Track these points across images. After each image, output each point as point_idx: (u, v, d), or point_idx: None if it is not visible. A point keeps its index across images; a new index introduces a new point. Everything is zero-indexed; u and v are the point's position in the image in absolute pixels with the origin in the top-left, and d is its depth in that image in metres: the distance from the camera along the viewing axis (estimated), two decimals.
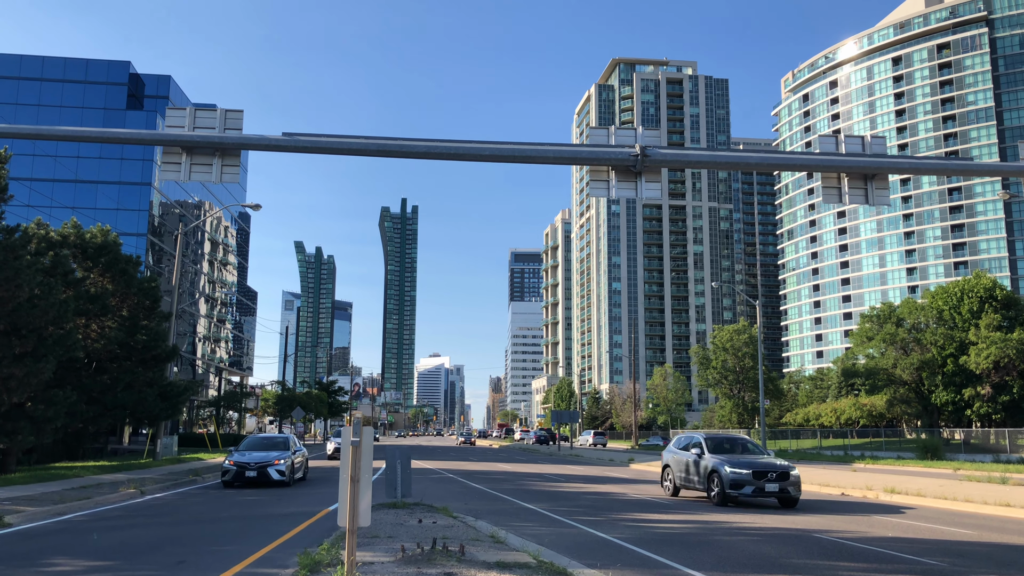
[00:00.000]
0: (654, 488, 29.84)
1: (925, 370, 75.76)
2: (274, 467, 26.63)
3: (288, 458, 27.33)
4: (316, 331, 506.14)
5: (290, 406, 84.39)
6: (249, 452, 27.79)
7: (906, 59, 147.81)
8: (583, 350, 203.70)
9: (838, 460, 52.17)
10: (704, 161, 18.46)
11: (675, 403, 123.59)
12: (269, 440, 29.64)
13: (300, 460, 29.57)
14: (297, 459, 28.89)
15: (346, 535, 9.75)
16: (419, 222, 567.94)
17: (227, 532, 16.22)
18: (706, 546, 14.88)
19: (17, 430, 28.25)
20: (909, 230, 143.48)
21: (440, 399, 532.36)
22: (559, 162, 18.05)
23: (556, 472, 39.79)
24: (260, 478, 26.45)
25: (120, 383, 38.38)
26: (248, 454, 27.49)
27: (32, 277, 27.73)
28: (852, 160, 17.49)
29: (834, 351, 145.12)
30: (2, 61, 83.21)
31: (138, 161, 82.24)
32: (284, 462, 26.95)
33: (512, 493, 26.14)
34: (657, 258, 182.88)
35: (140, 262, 44.89)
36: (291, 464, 27.43)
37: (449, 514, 17.36)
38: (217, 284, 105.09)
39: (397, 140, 16.86)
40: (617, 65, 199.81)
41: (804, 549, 14.71)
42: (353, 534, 9.69)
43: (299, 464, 29.30)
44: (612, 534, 16.08)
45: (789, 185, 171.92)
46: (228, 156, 16.72)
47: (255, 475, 26.43)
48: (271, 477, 26.52)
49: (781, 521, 19.26)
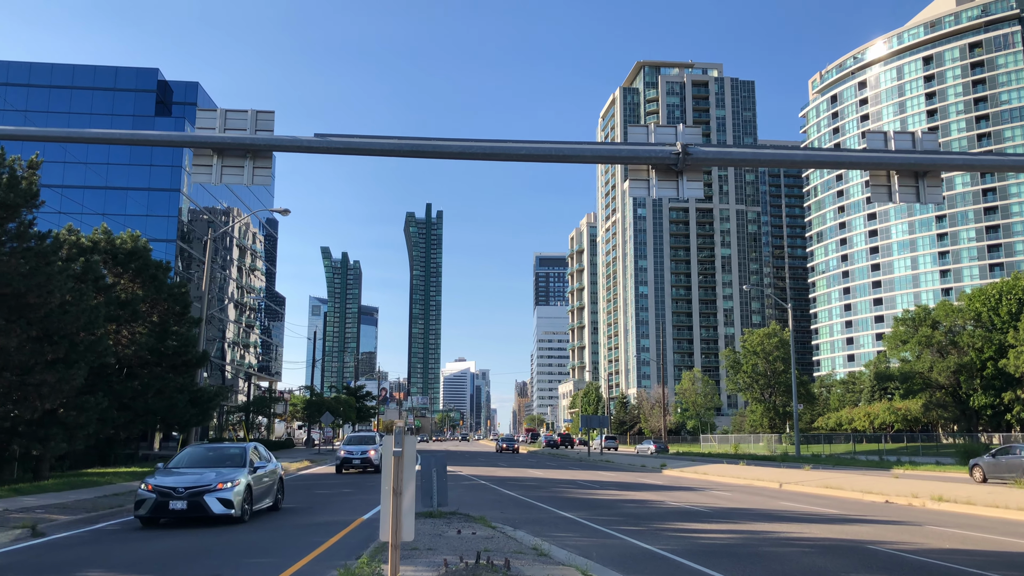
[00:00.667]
0: (691, 495, 29.21)
1: (963, 373, 74.28)
2: (215, 494, 17.68)
3: (242, 479, 18.46)
4: (343, 336, 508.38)
5: (319, 411, 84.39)
6: (181, 471, 18.87)
7: (937, 58, 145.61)
8: (610, 354, 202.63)
9: (874, 466, 51.04)
10: (748, 159, 17.86)
11: (704, 407, 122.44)
12: (217, 452, 20.43)
13: (268, 481, 20.51)
14: (262, 480, 19.96)
15: (389, 550, 9.30)
16: (444, 227, 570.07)
17: (265, 543, 15.83)
18: (756, 558, 14.28)
19: (50, 436, 28.16)
20: (942, 231, 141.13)
21: (466, 404, 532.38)
22: (597, 161, 17.55)
23: (588, 479, 39.18)
24: (192, 511, 17.50)
25: (151, 389, 38.33)
26: (178, 474, 18.52)
27: (63, 283, 27.64)
28: (903, 157, 16.82)
29: (865, 354, 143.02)
30: (34, 70, 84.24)
31: (167, 167, 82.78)
32: (233, 486, 17.99)
33: (547, 501, 25.61)
34: (684, 261, 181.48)
35: (170, 268, 44.92)
36: (245, 488, 18.44)
37: (487, 524, 16.87)
38: (245, 289, 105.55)
39: (431, 140, 16.44)
40: (642, 68, 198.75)
41: (861, 562, 14.06)
42: (396, 548, 9.25)
43: (264, 487, 20.13)
44: (657, 545, 15.51)
45: (818, 187, 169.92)
46: (260, 158, 16.37)
47: (184, 507, 17.48)
48: (210, 510, 17.54)
49: (829, 531, 18.59)
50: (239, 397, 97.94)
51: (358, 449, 38.91)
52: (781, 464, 54.89)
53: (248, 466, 19.36)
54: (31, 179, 27.65)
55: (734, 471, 43.94)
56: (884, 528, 19.33)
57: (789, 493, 31.68)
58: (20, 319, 25.97)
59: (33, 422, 27.78)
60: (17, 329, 25.68)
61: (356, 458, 38.43)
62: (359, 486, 30.98)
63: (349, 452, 38.82)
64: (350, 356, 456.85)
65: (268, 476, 20.67)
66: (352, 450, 38.91)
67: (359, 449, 38.89)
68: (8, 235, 26.70)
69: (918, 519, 21.68)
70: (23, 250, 26.69)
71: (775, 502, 26.90)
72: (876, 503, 26.95)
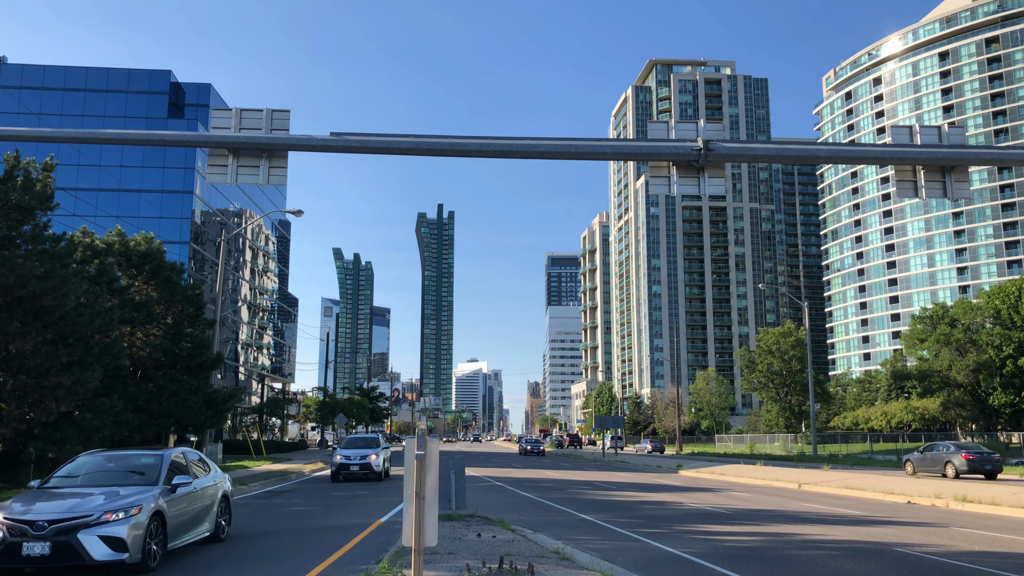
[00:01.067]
0: (710, 496, 28.89)
1: (982, 372, 73.47)
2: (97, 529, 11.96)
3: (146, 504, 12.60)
4: (355, 337, 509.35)
5: (332, 412, 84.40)
6: (60, 492, 13.22)
7: (953, 54, 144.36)
8: (623, 354, 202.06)
9: (892, 465, 50.52)
10: (771, 155, 17.56)
11: (719, 407, 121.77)
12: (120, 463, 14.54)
13: (197, 505, 14.64)
14: (183, 504, 14.00)
15: (412, 555, 9.06)
16: (455, 228, 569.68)
17: (281, 546, 15.63)
18: (783, 562, 13.98)
19: (65, 439, 28.07)
20: (959, 228, 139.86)
21: (478, 404, 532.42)
22: (618, 158, 17.30)
23: (604, 480, 38.89)
24: (57, 557, 11.74)
25: (165, 391, 38.23)
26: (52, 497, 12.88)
27: (78, 285, 27.56)
28: (929, 152, 16.49)
29: (882, 353, 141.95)
30: (48, 73, 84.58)
31: (180, 169, 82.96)
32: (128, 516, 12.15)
33: (564, 503, 25.34)
34: (698, 260, 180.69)
35: (184, 270, 44.87)
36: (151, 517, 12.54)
37: (507, 527, 16.63)
38: (258, 291, 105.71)
39: (449, 138, 16.23)
40: (654, 66, 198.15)
41: (890, 566, 13.72)
42: (420, 554, 9.01)
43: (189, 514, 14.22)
44: (681, 548, 15.23)
45: (833, 185, 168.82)
46: (275, 157, 16.19)
47: (47, 551, 11.74)
48: (85, 555, 11.80)
49: (854, 533, 18.26)
50: (252, 399, 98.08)
51: (357, 453, 34.50)
52: (798, 464, 54.45)
53: (161, 483, 13.49)
54: (45, 181, 27.58)
55: (751, 471, 43.55)
56: (910, 530, 18.98)
57: (809, 494, 31.30)
58: (35, 322, 25.89)
59: (48, 425, 27.70)
60: (32, 332, 25.60)
61: (355, 464, 34.03)
62: (374, 488, 30.81)
63: (346, 457, 34.29)
64: (362, 357, 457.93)
65: (198, 497, 14.72)
66: (350, 454, 34.47)
67: (358, 453, 34.48)
68: (23, 237, 26.63)
69: (943, 520, 21.31)
70: (38, 252, 26.61)
71: (795, 503, 26.55)
72: (898, 504, 26.56)
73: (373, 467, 34.05)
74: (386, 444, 38.12)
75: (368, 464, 33.96)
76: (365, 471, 34.02)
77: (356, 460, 34.05)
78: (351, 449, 35.35)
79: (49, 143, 55.10)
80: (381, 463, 34.74)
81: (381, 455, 35.02)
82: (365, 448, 35.35)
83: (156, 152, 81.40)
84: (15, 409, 26.44)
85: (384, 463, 35.67)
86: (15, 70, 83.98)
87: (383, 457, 35.49)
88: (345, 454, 34.60)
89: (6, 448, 28.35)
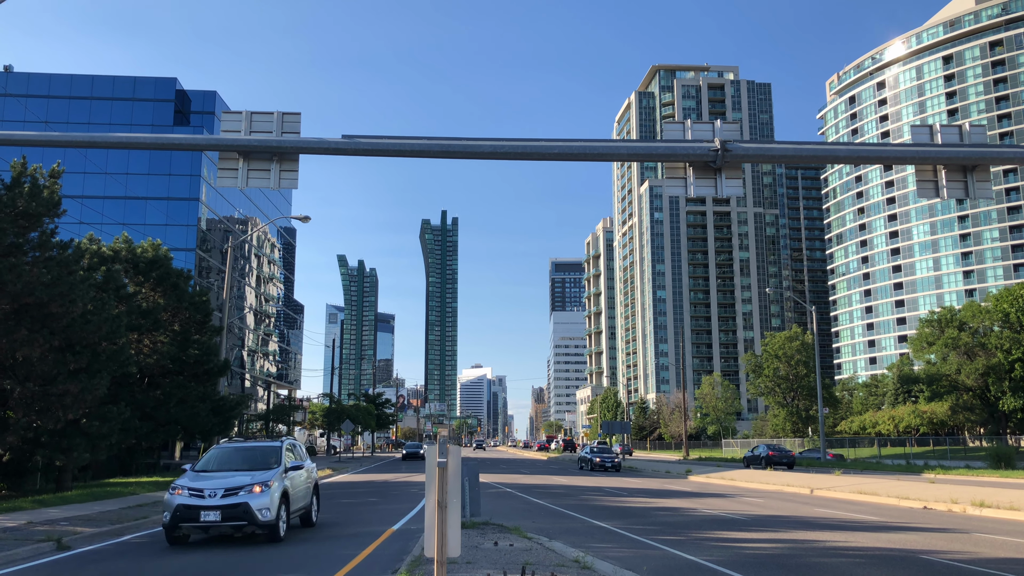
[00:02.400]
0: (723, 502, 28.59)
1: (991, 375, 73.04)
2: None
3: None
4: (360, 344, 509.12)
5: (339, 419, 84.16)
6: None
7: (957, 57, 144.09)
8: (628, 359, 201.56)
9: (902, 470, 50.14)
10: (789, 154, 17.30)
11: (725, 412, 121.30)
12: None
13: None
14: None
15: (435, 566, 8.80)
16: (459, 234, 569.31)
17: (295, 555, 15.38)
18: (808, 570, 13.70)
19: (73, 447, 27.88)
20: (965, 232, 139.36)
21: (483, 410, 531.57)
22: (633, 159, 17.07)
23: (615, 485, 38.59)
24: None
25: (173, 398, 38.08)
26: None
27: (85, 292, 27.39)
28: (951, 151, 16.27)
29: (888, 357, 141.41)
30: (53, 81, 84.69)
31: (186, 176, 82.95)
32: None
33: (577, 509, 25.06)
34: (702, 265, 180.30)
35: (191, 276, 44.75)
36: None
37: (523, 535, 16.35)
38: (264, 298, 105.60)
39: (460, 140, 15.99)
40: (657, 72, 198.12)
41: (918, 574, 13.42)
42: (443, 565, 8.76)
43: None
44: (701, 556, 14.94)
45: (837, 189, 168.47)
46: (286, 160, 15.97)
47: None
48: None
49: (876, 540, 17.95)
50: (258, 406, 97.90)
51: (216, 487, 16.16)
52: (808, 469, 54.10)
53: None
54: (52, 188, 27.43)
55: (761, 476, 43.22)
56: (932, 536, 18.67)
57: (822, 499, 30.98)
58: (43, 329, 25.71)
59: (56, 432, 27.50)
60: (40, 339, 25.42)
61: (211, 507, 15.84)
62: (384, 494, 30.55)
63: (195, 494, 16.02)
64: (367, 363, 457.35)
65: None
66: (205, 488, 16.13)
67: (220, 486, 16.17)
68: (30, 244, 26.47)
69: (963, 526, 21.01)
70: (45, 259, 26.45)
71: (810, 509, 26.24)
72: (915, 509, 26.25)
73: (255, 513, 15.93)
74: (297, 462, 18.25)
75: (242, 508, 15.90)
76: (235, 522, 15.98)
77: (216, 501, 15.92)
78: (211, 477, 16.80)
79: (56, 148, 55.01)
80: (274, 503, 16.24)
81: (275, 487, 16.49)
82: (240, 473, 16.87)
83: (162, 159, 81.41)
84: (22, 416, 26.24)
85: (281, 503, 16.66)
86: (21, 78, 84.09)
87: (282, 491, 16.82)
88: (195, 488, 16.16)
89: (13, 456, 28.16)
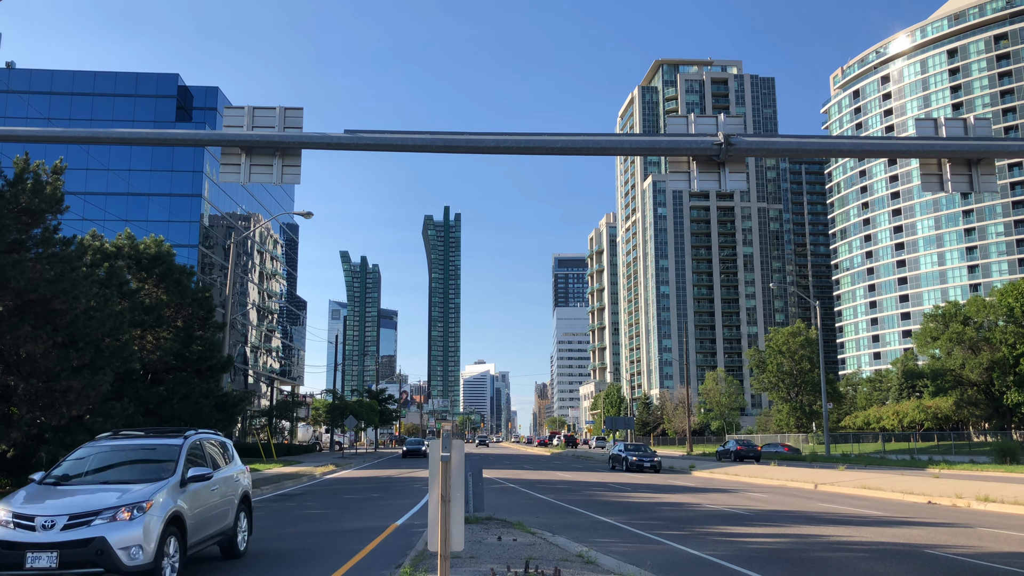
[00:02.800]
0: (726, 497, 28.55)
1: (996, 370, 72.84)
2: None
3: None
4: (363, 340, 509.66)
5: (342, 415, 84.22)
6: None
7: (962, 51, 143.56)
8: (631, 355, 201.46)
9: (906, 465, 50.03)
10: (793, 148, 17.24)
11: (728, 407, 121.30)
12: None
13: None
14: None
15: (439, 560, 8.78)
16: (462, 230, 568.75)
17: (298, 549, 15.38)
18: (811, 564, 13.67)
19: (76, 443, 27.84)
20: (969, 226, 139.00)
21: (486, 406, 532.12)
22: (637, 153, 17.03)
23: (617, 481, 38.56)
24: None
25: (176, 395, 38.08)
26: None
27: (88, 288, 27.37)
28: (955, 144, 16.22)
29: (892, 352, 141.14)
30: (56, 77, 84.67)
31: (188, 172, 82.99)
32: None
33: (581, 505, 25.04)
34: (706, 260, 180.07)
35: (194, 273, 44.73)
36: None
37: (526, 530, 16.34)
38: (266, 294, 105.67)
39: (463, 135, 15.97)
40: (660, 66, 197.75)
41: (921, 568, 13.39)
42: (447, 559, 8.73)
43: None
44: (705, 551, 14.91)
45: (841, 183, 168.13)
46: (289, 156, 15.95)
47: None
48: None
49: (880, 534, 17.92)
50: (262, 402, 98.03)
51: (57, 512, 10.21)
52: (812, 464, 54.04)
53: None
54: (55, 184, 27.40)
55: (765, 472, 43.18)
56: (936, 531, 18.63)
57: (826, 494, 30.95)
58: (46, 325, 25.72)
59: (60, 429, 27.53)
60: (43, 335, 25.42)
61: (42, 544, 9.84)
62: (386, 490, 30.56)
63: (23, 523, 10.03)
64: (370, 359, 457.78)
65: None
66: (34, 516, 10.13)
67: (62, 511, 10.22)
68: (33, 241, 26.46)
69: (968, 521, 20.96)
70: (48, 256, 26.44)
71: (814, 504, 26.20)
72: (919, 504, 26.20)
73: (115, 553, 9.94)
74: (202, 469, 12.22)
75: (95, 547, 9.94)
76: (82, 569, 9.93)
77: (52, 535, 9.97)
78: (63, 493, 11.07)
79: (59, 144, 55.07)
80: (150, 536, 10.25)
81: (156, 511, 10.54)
82: (105, 488, 10.99)
83: (164, 156, 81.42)
84: (26, 413, 26.27)
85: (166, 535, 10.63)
86: (24, 75, 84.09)
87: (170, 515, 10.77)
88: (23, 512, 10.29)
89: (17, 452, 28.20)
